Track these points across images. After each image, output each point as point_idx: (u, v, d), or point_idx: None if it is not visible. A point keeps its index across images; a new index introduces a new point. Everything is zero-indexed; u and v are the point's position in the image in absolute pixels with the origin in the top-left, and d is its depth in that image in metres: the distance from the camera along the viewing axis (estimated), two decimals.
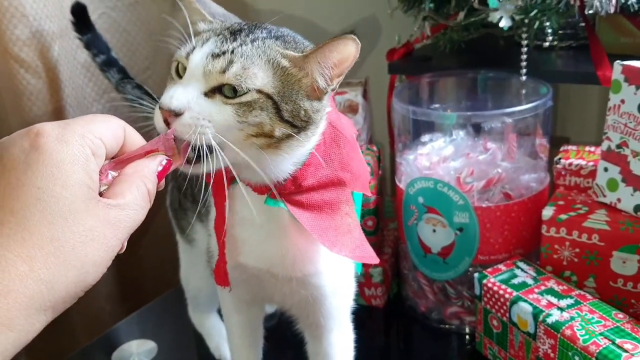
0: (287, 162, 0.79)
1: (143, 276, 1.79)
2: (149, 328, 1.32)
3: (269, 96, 0.75)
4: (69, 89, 1.51)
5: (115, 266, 1.69)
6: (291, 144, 0.78)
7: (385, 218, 1.44)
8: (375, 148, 1.36)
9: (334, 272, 0.91)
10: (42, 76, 1.43)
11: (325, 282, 0.90)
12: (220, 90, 0.74)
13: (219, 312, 1.27)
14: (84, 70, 1.58)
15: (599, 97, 1.65)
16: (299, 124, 0.77)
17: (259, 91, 0.74)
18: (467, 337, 1.23)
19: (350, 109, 1.40)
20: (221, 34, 0.78)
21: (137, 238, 1.84)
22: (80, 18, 1.34)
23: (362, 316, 1.30)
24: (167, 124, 0.71)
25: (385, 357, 1.24)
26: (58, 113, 1.47)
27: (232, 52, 0.75)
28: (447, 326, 1.24)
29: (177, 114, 0.71)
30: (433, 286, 1.24)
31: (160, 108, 0.72)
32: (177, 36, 0.85)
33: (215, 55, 0.75)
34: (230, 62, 0.74)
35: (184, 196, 1.14)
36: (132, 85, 1.34)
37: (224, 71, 0.74)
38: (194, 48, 0.77)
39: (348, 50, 0.76)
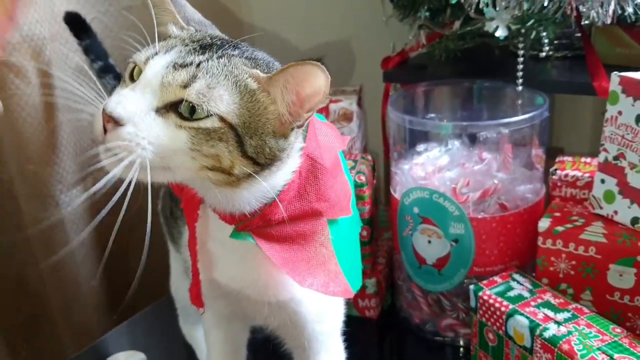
0: (249, 198, 0.74)
1: (131, 285, 1.77)
2: (138, 339, 1.30)
3: (232, 127, 0.68)
4: (59, 92, 1.49)
5: (104, 276, 1.68)
6: (252, 183, 0.72)
7: (379, 227, 1.43)
8: (369, 157, 1.34)
9: (314, 297, 0.83)
10: (32, 81, 1.41)
11: (304, 308, 0.85)
12: (176, 108, 0.67)
13: None
14: (74, 76, 1.56)
15: (592, 107, 1.65)
16: (263, 162, 0.71)
17: (222, 119, 0.67)
18: (462, 349, 1.22)
19: (344, 117, 1.39)
20: (189, 44, 0.72)
21: (125, 247, 1.82)
22: (76, 25, 1.32)
23: (356, 328, 1.28)
24: (105, 130, 0.65)
25: None
26: (47, 118, 1.45)
27: (198, 65, 0.68)
28: (441, 338, 1.23)
29: (118, 124, 0.65)
30: (427, 298, 1.22)
31: (103, 110, 0.66)
32: (138, 38, 0.79)
33: (178, 66, 0.68)
34: (194, 77, 0.67)
35: (175, 204, 1.12)
36: None
37: (185, 86, 0.67)
38: (155, 53, 0.70)
39: (317, 82, 0.68)
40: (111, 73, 1.32)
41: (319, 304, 0.87)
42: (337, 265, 0.79)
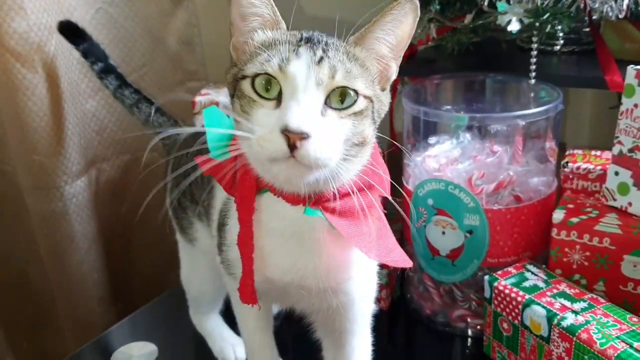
0: (356, 167, 0.76)
1: (134, 279, 1.77)
2: (149, 330, 1.29)
3: (371, 100, 0.73)
4: (64, 84, 1.48)
5: (107, 269, 1.67)
6: (367, 148, 0.76)
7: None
8: (378, 147, 1.35)
9: (363, 277, 0.88)
10: (38, 71, 1.41)
11: (355, 288, 0.87)
12: (329, 104, 0.70)
13: (221, 313, 1.26)
14: (80, 66, 1.55)
15: (592, 102, 1.67)
16: (378, 121, 0.76)
17: (365, 96, 0.72)
18: (472, 340, 1.22)
19: None
20: (302, 43, 0.73)
21: (128, 241, 1.82)
22: (70, 32, 1.33)
23: None
24: (293, 147, 0.66)
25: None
26: (53, 108, 1.44)
27: (327, 57, 0.71)
28: (452, 329, 1.24)
29: (305, 137, 0.66)
30: (440, 289, 1.23)
31: (287, 131, 0.66)
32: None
33: (316, 63, 0.70)
34: (333, 67, 0.70)
35: (182, 195, 1.11)
36: (130, 90, 1.33)
37: (332, 76, 0.70)
38: (286, 59, 0.70)
39: (406, 19, 0.75)
40: (112, 74, 1.33)
41: (368, 284, 0.90)
42: (393, 237, 0.82)
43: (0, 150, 1.54)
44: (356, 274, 0.85)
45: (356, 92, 0.71)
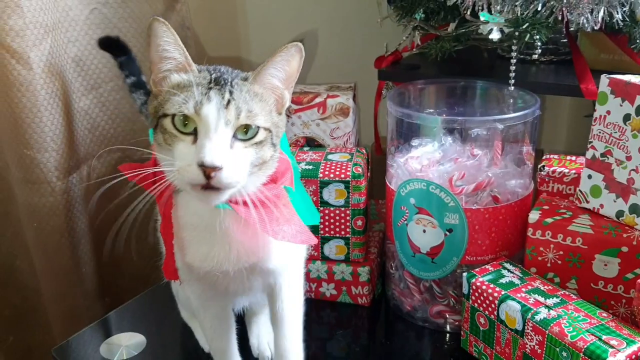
0: (260, 179, 0.91)
1: (122, 274, 1.79)
2: (137, 322, 1.33)
3: (269, 130, 0.88)
4: (58, 82, 1.51)
5: (95, 264, 1.70)
6: (269, 164, 0.91)
7: (370, 219, 1.48)
8: (364, 150, 1.40)
9: (280, 253, 1.00)
10: (32, 68, 1.43)
11: (273, 264, 1.00)
12: (236, 137, 0.85)
13: None
14: (74, 65, 1.58)
15: (568, 110, 1.73)
16: (276, 142, 0.90)
17: (265, 129, 0.87)
18: (450, 335, 1.27)
19: (341, 112, 1.44)
20: (212, 85, 0.86)
21: (116, 237, 1.83)
22: (112, 47, 1.37)
23: (349, 314, 1.35)
24: (209, 177, 0.81)
25: (374, 354, 1.27)
26: (47, 105, 1.47)
27: (233, 99, 0.84)
28: (430, 325, 1.29)
29: (217, 169, 0.81)
30: (420, 285, 1.28)
31: (202, 165, 0.80)
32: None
33: (224, 106, 0.83)
34: (238, 108, 0.84)
35: None
36: None
37: (237, 117, 0.84)
38: (199, 102, 0.83)
39: (294, 59, 0.90)
40: (142, 89, 1.36)
41: (286, 256, 1.03)
42: (300, 220, 0.95)
43: None
44: (267, 252, 0.98)
45: (257, 126, 0.86)
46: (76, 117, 1.60)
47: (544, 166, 1.26)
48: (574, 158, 1.29)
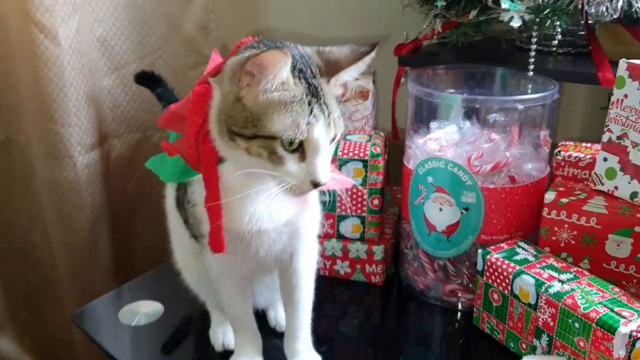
0: None
1: (137, 252, 1.82)
2: (156, 291, 1.35)
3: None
4: (84, 59, 1.54)
5: (111, 241, 1.72)
6: None
7: (385, 203, 1.50)
8: (382, 133, 1.43)
9: (307, 212, 1.05)
10: (60, 43, 1.47)
11: (303, 221, 1.04)
12: None
13: None
14: (99, 44, 1.62)
15: (584, 102, 1.76)
16: None
17: None
18: (462, 313, 1.29)
19: (361, 95, 1.47)
20: (307, 96, 0.85)
21: (130, 214, 1.87)
22: (147, 81, 1.40)
23: (363, 293, 1.37)
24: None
25: (387, 331, 1.29)
26: (73, 81, 1.51)
27: (330, 111, 0.87)
28: (444, 303, 1.31)
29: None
30: (434, 264, 1.30)
31: (316, 184, 0.87)
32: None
33: (328, 124, 0.87)
34: (334, 121, 0.88)
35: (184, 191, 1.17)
36: None
37: (335, 130, 0.89)
38: (309, 123, 0.84)
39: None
40: None
41: (311, 217, 1.08)
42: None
43: (13, 119, 1.59)
44: (295, 212, 1.01)
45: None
46: (99, 96, 1.63)
47: (560, 151, 1.28)
48: (589, 145, 1.31)
